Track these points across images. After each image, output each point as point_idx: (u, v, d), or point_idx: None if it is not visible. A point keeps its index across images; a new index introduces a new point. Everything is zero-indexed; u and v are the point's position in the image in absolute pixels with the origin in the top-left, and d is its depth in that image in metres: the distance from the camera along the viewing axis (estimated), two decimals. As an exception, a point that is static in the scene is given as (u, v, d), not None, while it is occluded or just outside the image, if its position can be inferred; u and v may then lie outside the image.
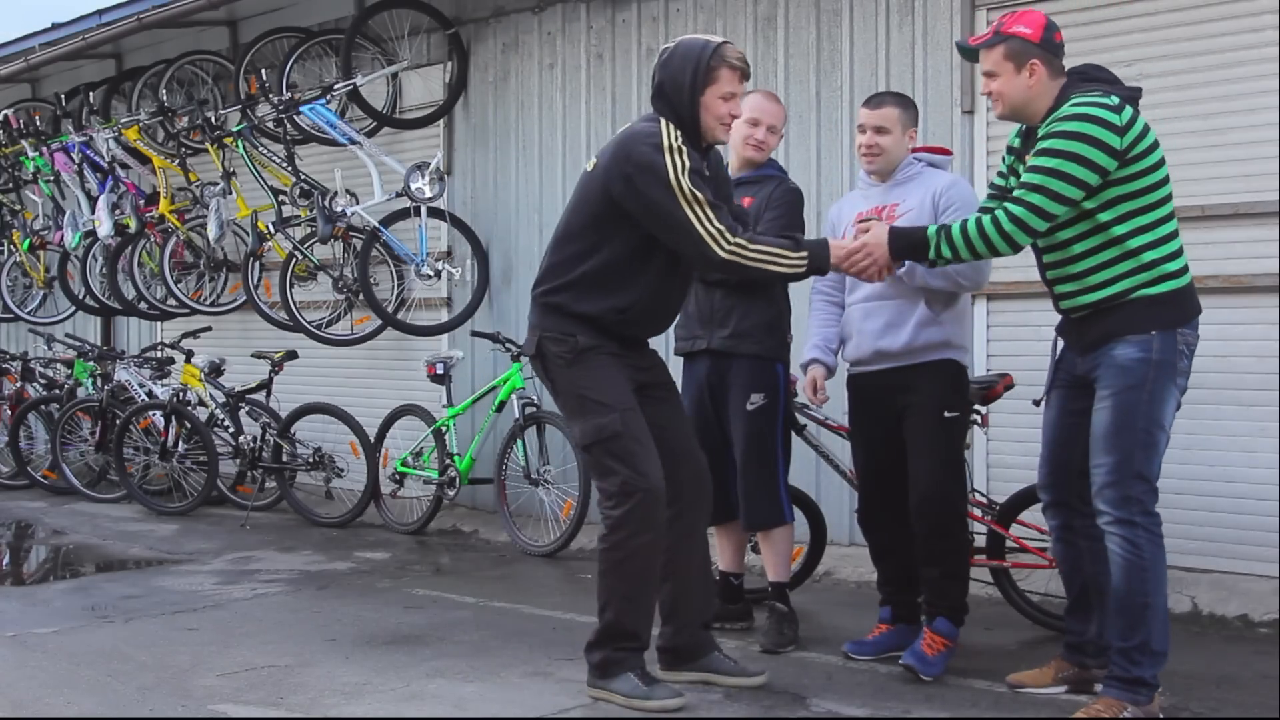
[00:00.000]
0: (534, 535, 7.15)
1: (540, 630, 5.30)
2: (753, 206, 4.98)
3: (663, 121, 4.14)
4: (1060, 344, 4.17)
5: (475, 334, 7.80)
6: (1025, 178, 3.91)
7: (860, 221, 4.38)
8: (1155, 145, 3.88)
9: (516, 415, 7.23)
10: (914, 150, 4.78)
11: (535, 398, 7.30)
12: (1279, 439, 5.31)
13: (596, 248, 4.21)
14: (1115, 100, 3.85)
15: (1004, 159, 4.27)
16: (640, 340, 4.41)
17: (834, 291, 4.89)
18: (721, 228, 4.08)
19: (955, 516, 4.62)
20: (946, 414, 4.56)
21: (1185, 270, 3.91)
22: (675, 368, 4.82)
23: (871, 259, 4.20)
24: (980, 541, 5.31)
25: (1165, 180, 3.90)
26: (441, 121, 8.45)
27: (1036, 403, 4.35)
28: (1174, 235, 3.90)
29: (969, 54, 4.18)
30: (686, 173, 4.06)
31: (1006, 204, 3.93)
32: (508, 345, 7.45)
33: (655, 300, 4.29)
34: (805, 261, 4.19)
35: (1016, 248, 3.97)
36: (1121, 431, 3.84)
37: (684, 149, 4.09)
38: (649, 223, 4.13)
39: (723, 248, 4.08)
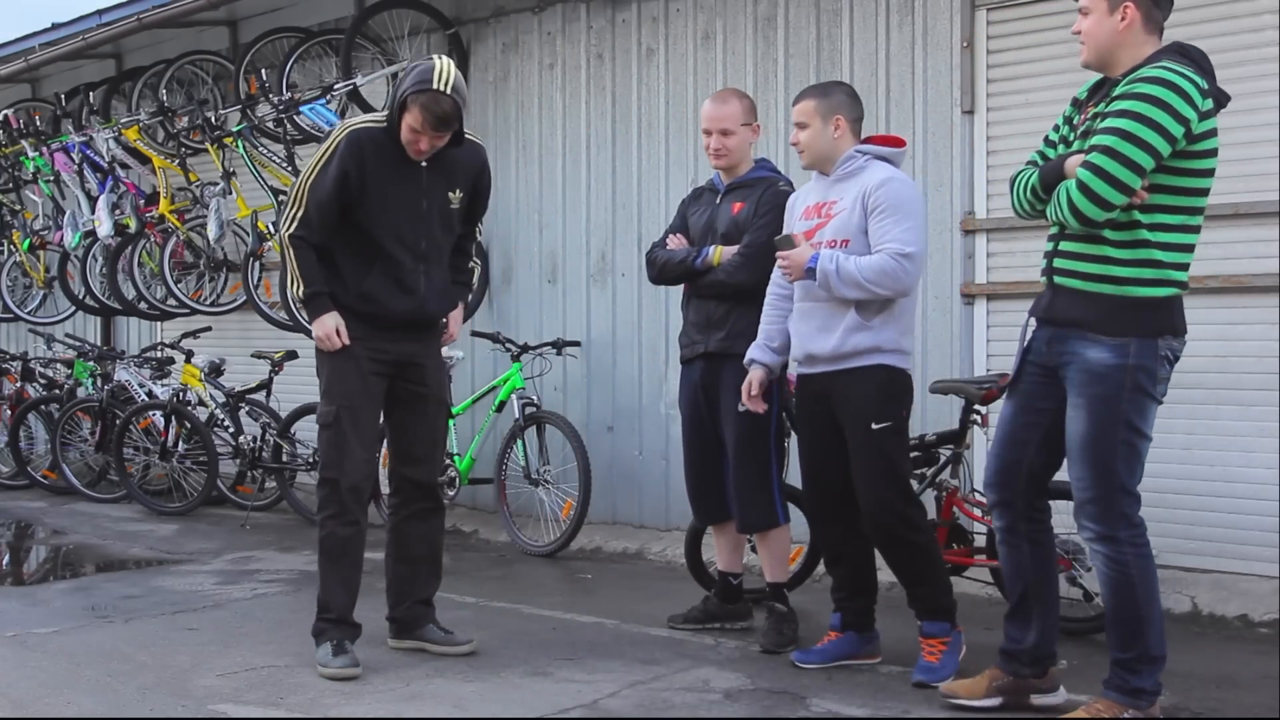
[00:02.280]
0: (534, 535, 7.15)
1: (540, 630, 5.30)
2: (742, 212, 5.03)
3: (343, 127, 4.70)
4: (1031, 326, 3.95)
5: (475, 334, 7.80)
6: (1095, 139, 3.63)
7: (780, 238, 4.57)
8: (1213, 154, 3.69)
9: (516, 415, 7.23)
10: (868, 139, 4.64)
11: (535, 398, 7.31)
12: (1279, 439, 5.31)
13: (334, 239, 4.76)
14: (1205, 84, 3.63)
15: (1058, 123, 3.98)
16: (392, 324, 4.73)
17: (786, 286, 4.75)
18: (292, 217, 4.67)
19: (902, 525, 4.48)
20: (874, 425, 4.42)
21: (1187, 282, 3.75)
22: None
23: (787, 266, 4.50)
24: (980, 542, 5.33)
25: (1204, 192, 3.71)
26: (441, 121, 8.44)
27: (1003, 391, 4.23)
28: (1190, 247, 3.72)
29: None
30: (318, 166, 4.62)
31: (1079, 170, 3.64)
32: (508, 345, 7.45)
33: (370, 280, 4.68)
34: (306, 296, 4.68)
35: (1084, 220, 3.64)
36: (1099, 443, 3.70)
37: (336, 149, 4.59)
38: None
39: (281, 230, 4.76)
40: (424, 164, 4.68)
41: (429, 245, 4.76)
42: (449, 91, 4.47)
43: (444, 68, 4.51)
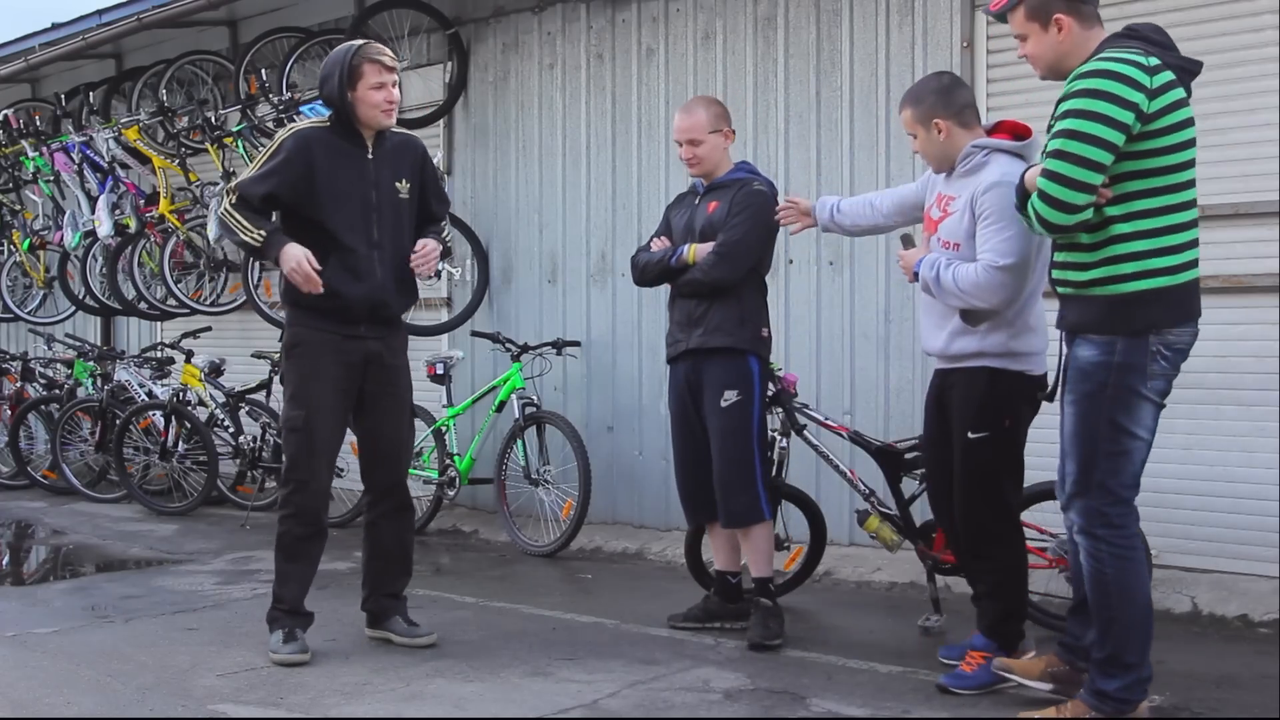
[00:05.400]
0: (534, 535, 7.15)
1: (540, 630, 5.30)
2: (717, 211, 5.08)
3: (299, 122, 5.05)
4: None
5: (475, 334, 7.81)
6: (1048, 146, 3.62)
7: (903, 235, 4.50)
8: (1182, 127, 3.58)
9: (516, 415, 7.23)
10: (997, 127, 4.44)
11: (535, 398, 7.31)
12: (1279, 439, 5.31)
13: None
14: (1151, 61, 3.54)
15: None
16: (355, 315, 4.81)
17: (884, 204, 4.80)
18: (232, 189, 4.80)
19: (988, 540, 4.37)
20: (970, 435, 4.31)
21: (1185, 267, 3.63)
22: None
23: (903, 266, 4.42)
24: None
25: (1182, 167, 3.60)
26: (441, 121, 8.45)
27: (1049, 398, 4.20)
28: (1178, 228, 3.60)
29: (999, 18, 3.99)
30: (262, 163, 4.77)
31: (1039, 180, 3.61)
32: (508, 345, 7.45)
33: (327, 273, 4.71)
34: (262, 239, 4.71)
35: (1054, 228, 3.62)
36: (1082, 439, 3.69)
37: (282, 147, 4.75)
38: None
39: (222, 205, 4.90)
40: (370, 155, 4.83)
41: (381, 234, 4.86)
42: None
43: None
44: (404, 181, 4.92)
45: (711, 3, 7.14)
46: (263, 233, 4.71)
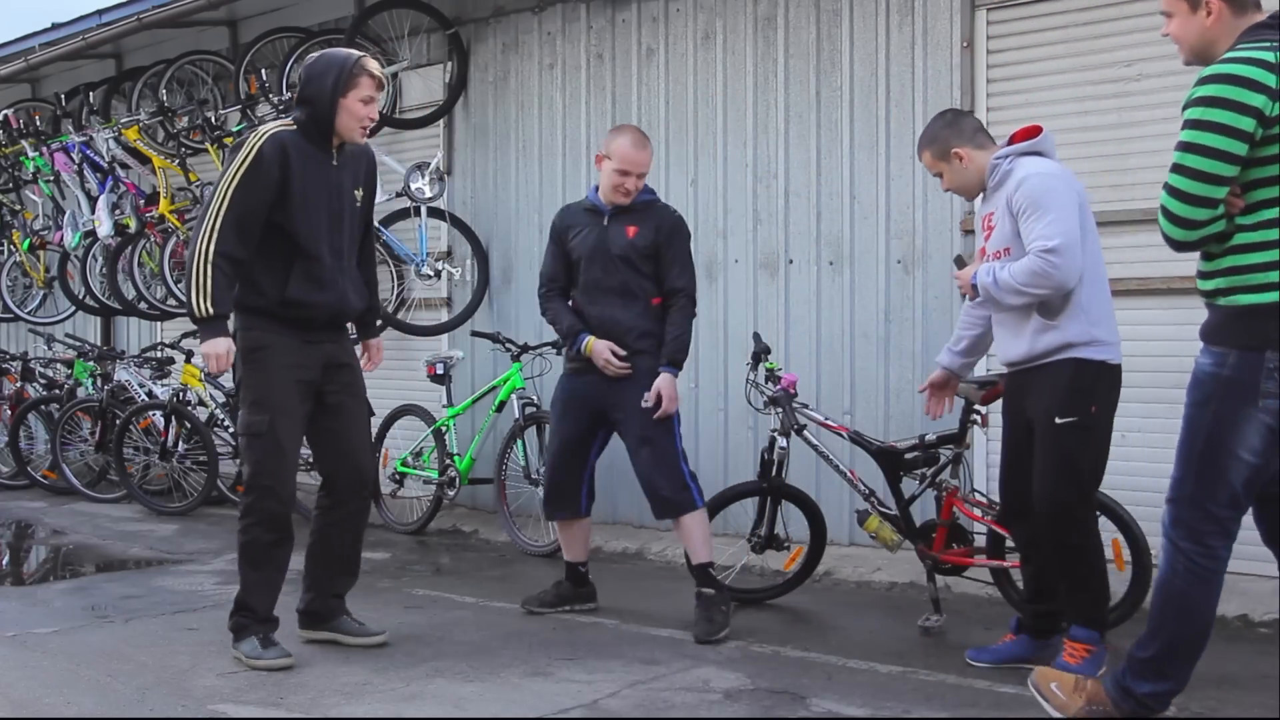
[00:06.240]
0: (534, 535, 7.15)
1: (540, 630, 5.30)
2: (639, 236, 5.29)
3: (269, 127, 4.69)
4: None
5: (475, 334, 7.80)
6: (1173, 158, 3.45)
7: (956, 257, 4.76)
8: None
9: (516, 415, 7.22)
10: (1014, 136, 4.52)
11: (535, 398, 7.30)
12: (1279, 439, 5.30)
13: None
14: (1275, 57, 3.32)
15: None
16: (316, 324, 4.78)
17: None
18: (211, 230, 4.56)
19: (1073, 527, 4.36)
20: (1058, 420, 4.30)
21: None
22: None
23: (961, 287, 4.52)
24: (980, 542, 5.32)
25: None
26: (441, 121, 8.46)
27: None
28: None
29: None
30: (241, 173, 4.59)
31: (1161, 194, 3.45)
32: (508, 345, 7.44)
33: (291, 285, 4.69)
34: (207, 316, 4.58)
35: (1180, 245, 3.47)
36: (1184, 448, 3.56)
37: (259, 152, 4.59)
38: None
39: (200, 244, 4.59)
40: (335, 163, 4.79)
41: (344, 242, 4.85)
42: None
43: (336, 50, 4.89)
44: (360, 190, 4.93)
45: (711, 3, 7.14)
46: (211, 311, 4.57)
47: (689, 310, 5.32)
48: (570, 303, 5.48)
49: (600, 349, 5.25)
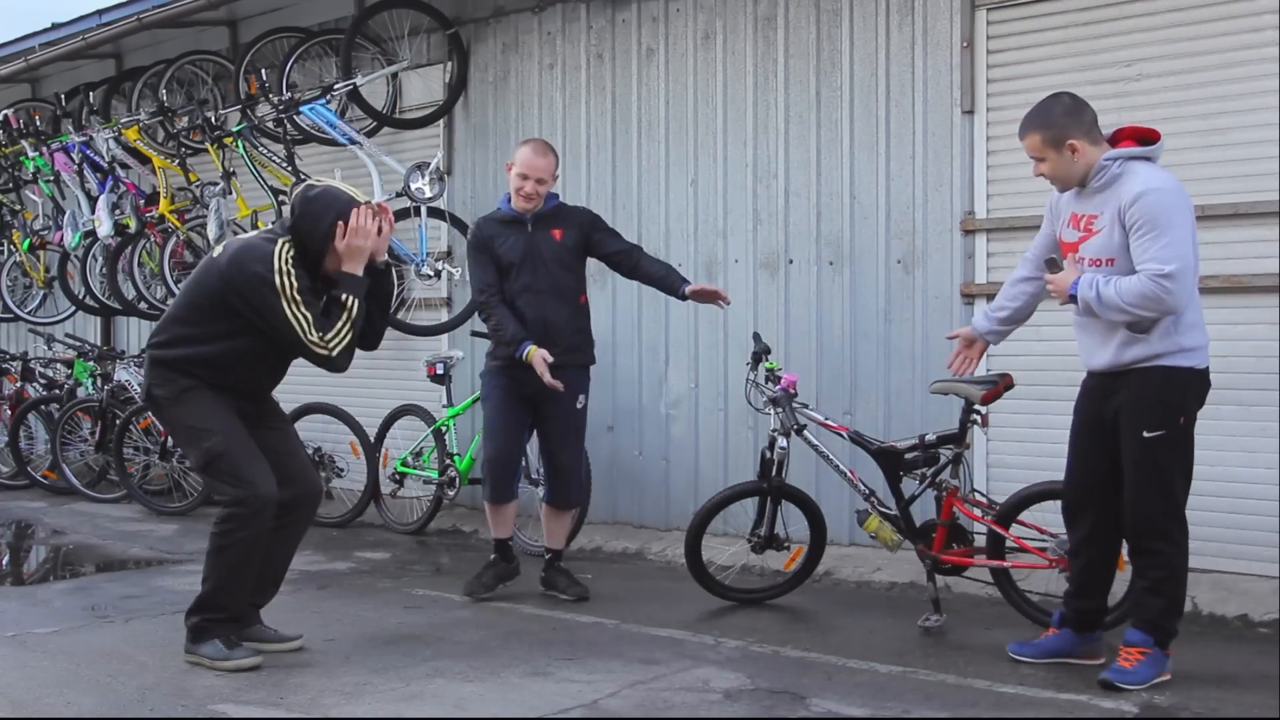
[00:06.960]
0: (534, 535, 7.14)
1: (540, 630, 5.30)
2: (564, 237, 5.80)
3: (280, 242, 4.65)
4: None
5: (475, 334, 7.78)
6: None
7: (1049, 259, 4.47)
8: None
9: (516, 415, 7.22)
10: (1120, 133, 4.39)
11: (535, 398, 7.29)
12: (1279, 439, 5.31)
13: (211, 338, 4.73)
14: None
15: None
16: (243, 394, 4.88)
17: (1028, 271, 4.76)
18: (315, 331, 4.63)
19: (1159, 538, 4.34)
20: (1145, 434, 4.26)
21: None
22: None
23: (1053, 290, 4.45)
24: (980, 542, 5.32)
25: None
26: (441, 121, 8.45)
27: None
28: None
29: None
30: (290, 282, 4.60)
31: None
32: (508, 345, 7.44)
33: (261, 375, 4.90)
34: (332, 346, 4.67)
35: None
36: None
37: (292, 269, 4.61)
38: (261, 321, 4.67)
39: (315, 345, 4.65)
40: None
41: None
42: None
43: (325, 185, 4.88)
44: None
45: (711, 3, 7.14)
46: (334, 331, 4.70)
47: (648, 254, 5.99)
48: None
49: (538, 361, 5.59)
